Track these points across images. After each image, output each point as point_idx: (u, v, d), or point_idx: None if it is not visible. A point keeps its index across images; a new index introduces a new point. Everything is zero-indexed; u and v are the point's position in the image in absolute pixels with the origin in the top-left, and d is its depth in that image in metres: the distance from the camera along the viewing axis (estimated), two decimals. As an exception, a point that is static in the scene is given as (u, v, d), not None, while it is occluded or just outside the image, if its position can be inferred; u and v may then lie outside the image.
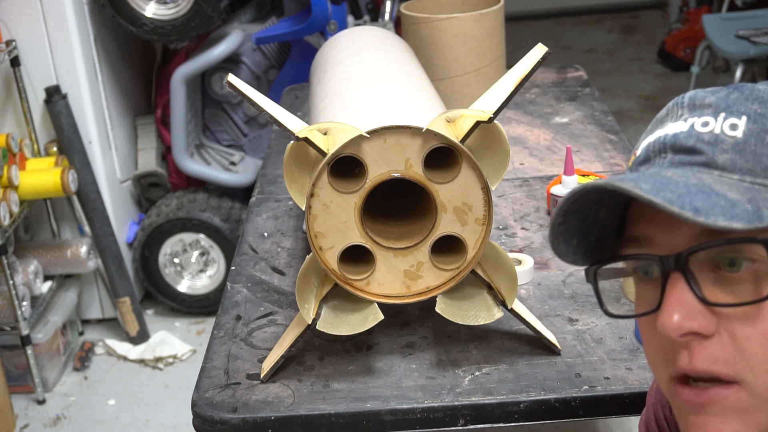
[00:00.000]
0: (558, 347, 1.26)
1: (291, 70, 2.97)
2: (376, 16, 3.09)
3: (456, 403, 1.19)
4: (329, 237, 1.18)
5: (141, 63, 3.16)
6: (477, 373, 1.24)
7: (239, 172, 3.02)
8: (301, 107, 2.32)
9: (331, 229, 1.18)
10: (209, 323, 2.96)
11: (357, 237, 1.19)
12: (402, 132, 1.14)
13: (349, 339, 1.32)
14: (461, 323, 1.22)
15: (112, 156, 2.93)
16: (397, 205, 1.28)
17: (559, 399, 1.19)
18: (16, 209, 2.56)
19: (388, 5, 2.92)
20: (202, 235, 2.92)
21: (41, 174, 2.63)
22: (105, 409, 2.65)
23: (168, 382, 2.75)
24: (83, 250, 2.77)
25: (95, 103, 2.81)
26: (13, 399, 2.63)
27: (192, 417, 1.24)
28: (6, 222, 2.49)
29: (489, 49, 1.96)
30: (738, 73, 3.58)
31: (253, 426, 1.19)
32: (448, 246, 1.21)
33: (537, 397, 1.19)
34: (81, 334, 2.97)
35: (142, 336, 2.90)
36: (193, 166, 2.94)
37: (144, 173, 3.04)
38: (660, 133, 0.74)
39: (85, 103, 2.77)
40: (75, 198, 2.81)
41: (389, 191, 1.23)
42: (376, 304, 1.21)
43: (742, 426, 0.68)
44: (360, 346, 1.32)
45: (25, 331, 2.58)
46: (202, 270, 2.99)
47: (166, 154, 3.11)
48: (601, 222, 0.75)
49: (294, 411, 1.19)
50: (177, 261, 2.98)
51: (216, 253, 2.94)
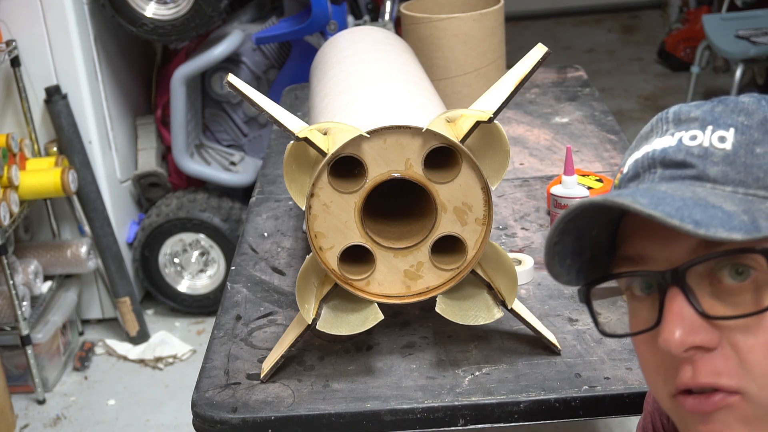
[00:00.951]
0: (558, 347, 1.26)
1: (291, 70, 2.97)
2: (376, 16, 3.09)
3: (456, 403, 1.19)
4: (329, 237, 1.18)
5: (141, 63, 3.16)
6: (477, 373, 1.24)
7: (239, 172, 3.02)
8: (301, 107, 2.32)
9: (331, 229, 1.18)
10: (209, 323, 2.96)
11: (357, 237, 1.19)
12: (402, 132, 1.14)
13: (349, 339, 1.32)
14: (461, 323, 1.22)
15: (112, 156, 2.93)
16: (397, 205, 1.28)
17: (559, 399, 1.19)
18: (16, 209, 2.56)
19: (388, 5, 2.92)
20: (202, 235, 2.92)
21: (41, 174, 2.63)
22: (105, 409, 2.65)
23: (168, 382, 2.75)
24: (83, 250, 2.77)
25: (95, 103, 2.81)
26: (13, 399, 2.63)
27: (192, 417, 1.24)
28: (6, 222, 2.49)
29: (489, 49, 1.96)
30: (738, 73, 3.58)
31: (253, 426, 1.19)
32: (448, 246, 1.21)
33: (537, 397, 1.19)
34: (81, 334, 2.97)
35: (142, 336, 2.90)
36: (193, 166, 2.94)
37: (144, 173, 3.04)
38: (647, 149, 0.73)
39: (85, 103, 2.77)
40: (75, 198, 2.81)
41: (389, 191, 1.23)
42: (376, 304, 1.21)
43: None
44: (360, 346, 1.32)
45: (25, 331, 2.58)
46: (202, 270, 2.99)
47: (166, 154, 3.11)
48: (594, 240, 0.75)
49: (294, 411, 1.19)
50: (177, 261, 2.98)
51: (216, 253, 2.94)
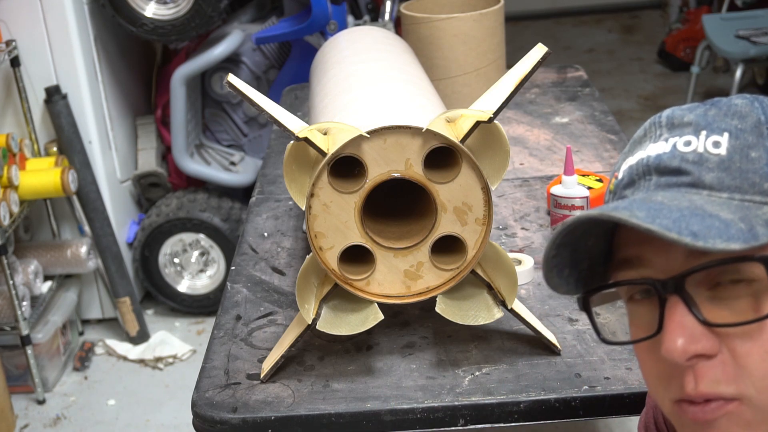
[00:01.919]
0: (558, 347, 1.26)
1: (291, 70, 2.97)
2: (376, 16, 3.09)
3: (456, 403, 1.19)
4: (329, 237, 1.18)
5: (141, 63, 3.16)
6: (477, 373, 1.24)
7: (239, 172, 3.02)
8: (301, 107, 2.32)
9: (331, 229, 1.18)
10: (209, 323, 2.96)
11: (357, 237, 1.19)
12: (402, 132, 1.14)
13: (349, 339, 1.32)
14: (461, 323, 1.22)
15: (112, 156, 2.93)
16: (397, 205, 1.28)
17: (559, 399, 1.19)
18: (16, 209, 2.56)
19: (388, 5, 2.92)
20: (202, 235, 2.92)
21: (41, 174, 2.63)
22: (105, 409, 2.65)
23: (168, 382, 2.75)
24: (83, 250, 2.77)
25: (95, 103, 2.81)
26: (13, 399, 2.63)
27: (192, 417, 1.24)
28: (6, 222, 2.49)
29: (489, 49, 1.96)
30: (738, 73, 3.58)
31: (253, 426, 1.19)
32: (448, 246, 1.21)
33: (537, 397, 1.19)
34: (81, 334, 2.97)
35: (142, 336, 2.90)
36: (193, 166, 2.94)
37: (144, 173, 3.04)
38: (641, 155, 0.73)
39: (85, 103, 2.77)
40: (75, 198, 2.81)
41: (389, 191, 1.23)
42: (376, 304, 1.21)
43: None
44: (360, 346, 1.32)
45: (25, 331, 2.58)
46: (202, 270, 2.99)
47: (166, 154, 3.11)
48: (590, 250, 0.75)
49: (294, 411, 1.19)
50: (177, 261, 2.98)
51: (216, 253, 2.94)
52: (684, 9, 4.84)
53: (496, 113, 1.14)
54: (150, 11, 2.72)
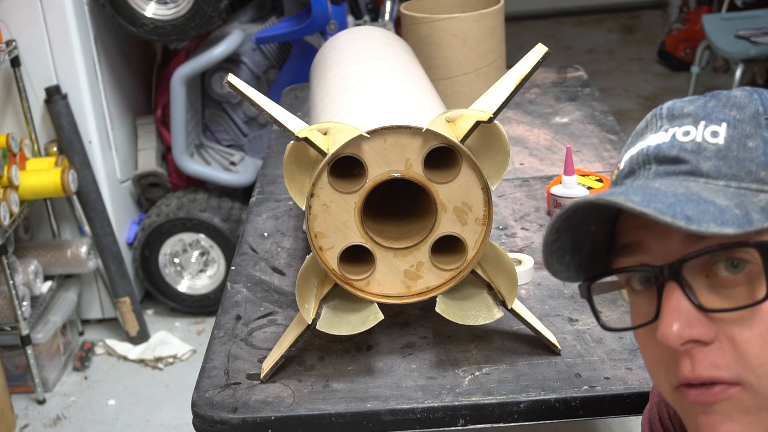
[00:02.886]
0: (558, 347, 1.26)
1: (291, 70, 2.97)
2: (376, 16, 3.09)
3: (456, 403, 1.19)
4: (329, 237, 1.18)
5: (141, 63, 3.16)
6: (477, 373, 1.24)
7: (239, 172, 3.02)
8: (301, 107, 2.32)
9: (331, 229, 1.18)
10: (209, 323, 2.96)
11: (357, 237, 1.19)
12: (402, 132, 1.14)
13: (349, 339, 1.32)
14: (461, 323, 1.22)
15: (112, 156, 2.93)
16: (397, 205, 1.28)
17: (559, 399, 1.19)
18: (16, 209, 2.56)
19: (388, 5, 2.92)
20: (202, 235, 2.92)
21: (41, 174, 2.63)
22: (105, 409, 2.65)
23: (168, 382, 2.75)
24: (83, 250, 2.77)
25: (95, 103, 2.81)
26: (13, 399, 2.63)
27: (192, 417, 1.24)
28: (6, 222, 2.49)
29: (489, 49, 1.96)
30: (738, 73, 3.58)
31: (253, 426, 1.19)
32: (448, 246, 1.21)
33: (537, 397, 1.19)
34: (81, 334, 2.97)
35: (142, 336, 2.90)
36: (193, 166, 2.94)
37: (144, 173, 3.04)
38: (642, 146, 0.74)
39: (85, 103, 2.77)
40: (75, 198, 2.81)
41: (389, 191, 1.23)
42: (376, 304, 1.21)
43: (749, 426, 0.68)
44: (360, 346, 1.32)
45: (25, 331, 2.58)
46: (202, 270, 2.99)
47: (166, 154, 3.11)
48: (592, 236, 0.75)
49: (294, 411, 1.19)
50: (177, 261, 2.98)
51: (216, 253, 2.94)
52: (684, 9, 4.84)
53: (496, 113, 1.14)
54: (150, 11, 2.72)
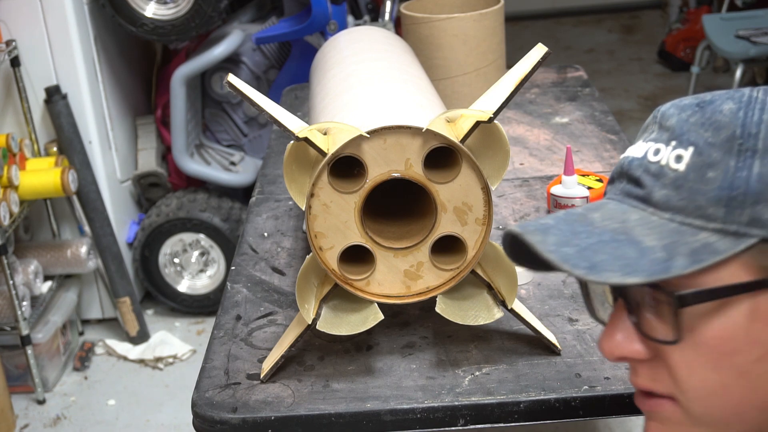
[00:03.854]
0: (558, 347, 1.26)
1: (291, 70, 2.97)
2: (376, 16, 3.09)
3: (456, 403, 1.19)
4: (329, 237, 1.18)
5: (141, 63, 3.16)
6: (477, 373, 1.24)
7: (239, 172, 3.02)
8: (301, 107, 2.32)
9: (331, 229, 1.18)
10: (209, 323, 2.96)
11: (357, 237, 1.19)
12: (402, 132, 1.14)
13: (349, 339, 1.32)
14: (461, 323, 1.22)
15: (112, 156, 2.93)
16: (397, 205, 1.28)
17: (559, 399, 1.19)
18: (16, 209, 2.56)
19: (388, 5, 2.92)
20: (202, 235, 2.92)
21: (41, 174, 2.63)
22: (105, 409, 2.65)
23: (168, 382, 2.75)
24: (83, 250, 2.77)
25: (95, 103, 2.81)
26: (13, 399, 2.64)
27: (192, 417, 1.24)
28: (6, 222, 2.49)
29: (489, 49, 1.96)
30: (738, 73, 3.58)
31: (253, 426, 1.19)
32: (448, 246, 1.21)
33: (537, 397, 1.19)
34: (81, 334, 2.97)
35: (142, 336, 2.91)
36: (193, 166, 2.94)
37: (144, 173, 3.04)
38: (628, 153, 0.75)
39: (85, 103, 2.77)
40: (75, 198, 2.81)
41: (389, 191, 1.23)
42: (376, 304, 1.21)
43: None
44: (360, 346, 1.32)
45: (25, 331, 2.58)
46: (202, 270, 2.99)
47: (166, 154, 3.11)
48: None
49: (294, 411, 1.19)
50: (177, 261, 2.98)
51: (216, 253, 2.95)
52: (684, 9, 4.84)
53: (496, 113, 1.14)
54: (150, 11, 2.72)
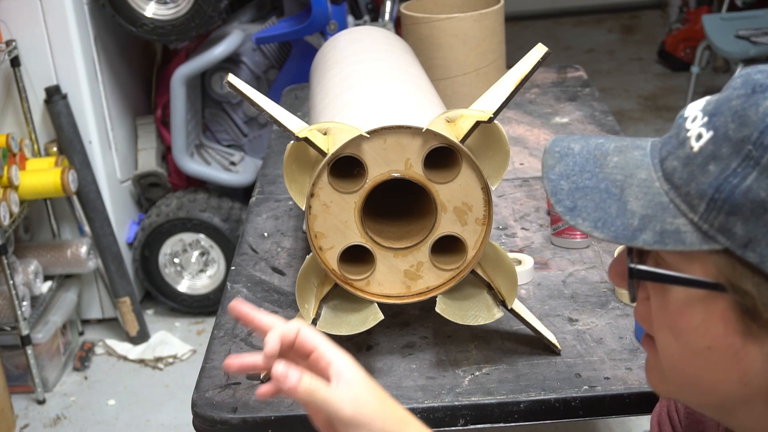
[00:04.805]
0: (558, 347, 1.26)
1: (291, 70, 2.97)
2: (376, 16, 3.09)
3: (456, 403, 1.19)
4: (329, 237, 1.18)
5: (141, 63, 3.16)
6: (477, 373, 1.24)
7: (239, 172, 3.02)
8: (301, 107, 2.32)
9: (331, 229, 1.18)
10: (209, 323, 2.96)
11: (357, 237, 1.19)
12: (402, 132, 1.14)
13: (349, 339, 1.32)
14: (461, 323, 1.22)
15: (112, 156, 2.93)
16: (397, 205, 1.28)
17: (559, 399, 1.19)
18: (16, 209, 2.56)
19: (388, 5, 2.92)
20: (202, 235, 2.92)
21: (41, 174, 2.63)
22: (105, 409, 2.65)
23: (168, 382, 2.75)
24: (83, 250, 2.77)
25: (95, 103, 2.81)
26: (13, 399, 2.63)
27: (192, 417, 1.24)
28: (6, 222, 2.49)
29: (489, 49, 1.96)
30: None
31: (253, 426, 1.19)
32: (448, 246, 1.21)
33: (537, 397, 1.19)
34: (81, 334, 2.97)
35: (142, 336, 2.90)
36: (193, 166, 2.94)
37: (144, 173, 3.04)
38: (696, 104, 0.72)
39: (85, 103, 2.77)
40: (75, 198, 2.81)
41: (389, 191, 1.23)
42: (376, 304, 1.21)
43: (660, 379, 0.76)
44: (360, 346, 1.32)
45: (25, 331, 2.58)
46: (202, 270, 2.99)
47: (166, 154, 3.11)
48: None
49: (294, 411, 1.19)
50: (177, 261, 2.98)
51: (216, 253, 2.94)
52: (684, 9, 4.84)
53: (496, 113, 1.14)
54: (150, 11, 2.72)
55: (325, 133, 1.19)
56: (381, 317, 1.20)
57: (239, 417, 1.20)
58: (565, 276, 1.45)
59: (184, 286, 3.00)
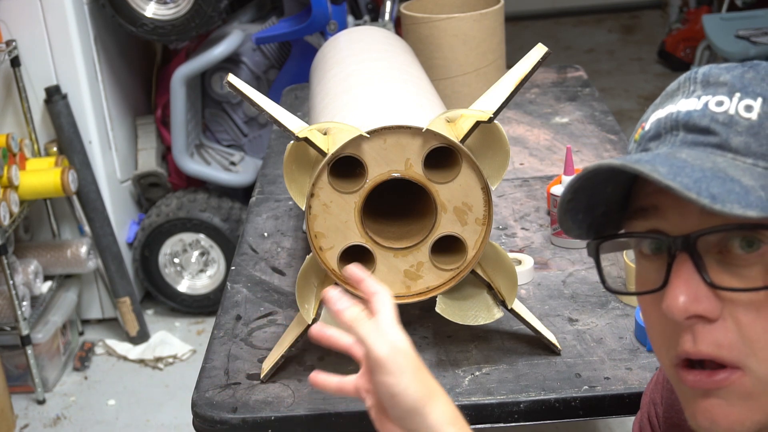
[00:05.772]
0: (558, 347, 1.26)
1: (291, 70, 2.97)
2: (376, 16, 3.09)
3: (456, 403, 1.18)
4: (329, 237, 1.18)
5: (141, 63, 3.16)
6: (477, 373, 1.24)
7: (239, 172, 3.02)
8: (301, 107, 2.32)
9: (331, 229, 1.18)
10: (209, 323, 2.96)
11: (357, 237, 1.19)
12: (402, 132, 1.14)
13: (349, 339, 1.32)
14: (461, 323, 1.22)
15: (112, 156, 2.93)
16: (397, 205, 1.28)
17: (559, 399, 1.19)
18: (16, 209, 2.56)
19: (388, 5, 2.92)
20: (202, 235, 2.92)
21: (41, 174, 2.63)
22: (105, 409, 2.65)
23: (168, 382, 2.75)
24: (83, 250, 2.77)
25: (95, 103, 2.81)
26: (13, 399, 2.63)
27: (192, 417, 1.24)
28: (6, 222, 2.49)
29: (489, 49, 1.96)
30: (738, 73, 3.57)
31: (253, 426, 1.19)
32: (448, 246, 1.21)
33: (537, 397, 1.19)
34: (81, 334, 2.97)
35: (142, 336, 2.90)
36: (193, 166, 2.94)
37: (144, 173, 3.04)
38: (671, 109, 0.71)
39: (85, 103, 2.77)
40: (75, 198, 2.81)
41: (389, 191, 1.23)
42: (376, 304, 1.21)
43: (748, 411, 0.67)
44: (360, 346, 1.31)
45: (25, 331, 2.58)
46: (202, 270, 2.99)
47: (166, 154, 3.11)
48: (608, 197, 0.74)
49: (294, 411, 1.19)
50: (177, 261, 2.98)
51: (216, 253, 2.94)
52: (684, 9, 4.84)
53: (496, 113, 1.14)
54: (150, 11, 2.72)
55: (325, 133, 1.19)
56: (381, 317, 1.20)
57: (239, 417, 1.20)
58: (565, 276, 1.45)
59: (184, 286, 3.00)
